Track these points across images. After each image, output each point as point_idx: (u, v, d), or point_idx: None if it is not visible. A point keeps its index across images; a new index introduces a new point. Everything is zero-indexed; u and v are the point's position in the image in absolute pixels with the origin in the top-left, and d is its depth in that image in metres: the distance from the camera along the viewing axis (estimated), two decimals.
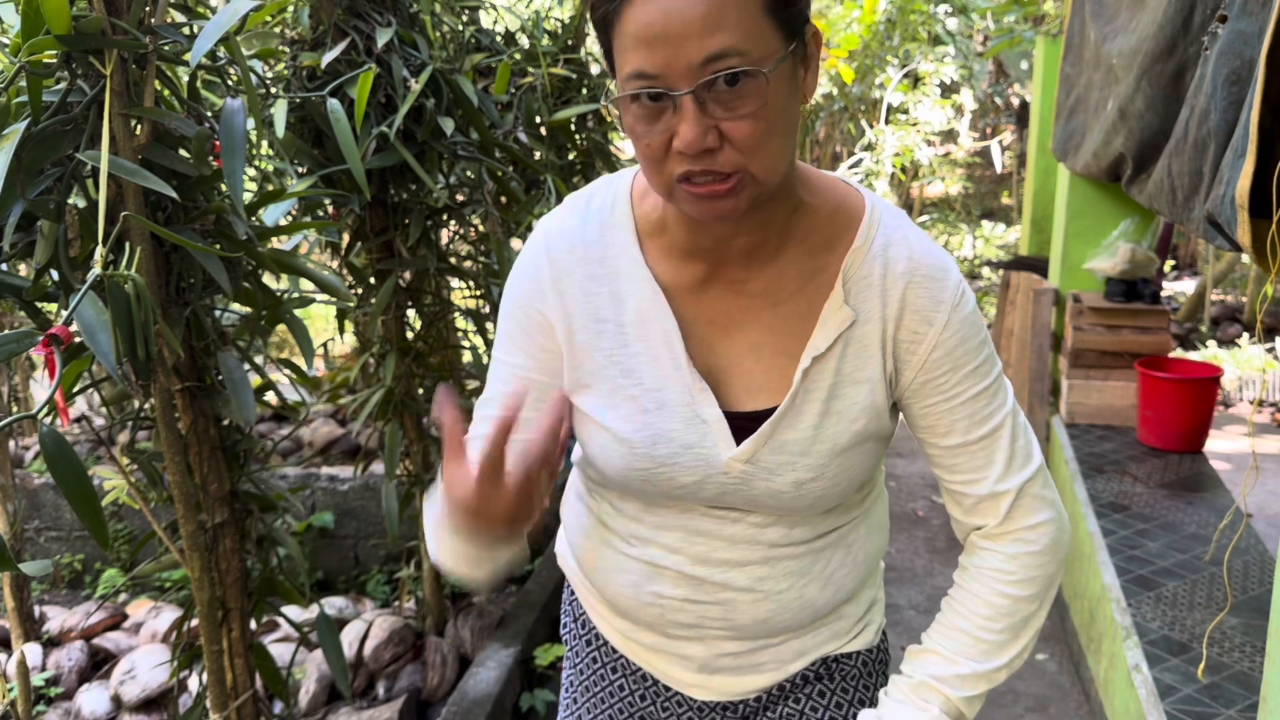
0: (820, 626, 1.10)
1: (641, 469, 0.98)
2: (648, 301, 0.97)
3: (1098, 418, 3.52)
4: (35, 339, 1.18)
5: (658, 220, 0.97)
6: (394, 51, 2.07)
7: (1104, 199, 3.58)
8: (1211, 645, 2.14)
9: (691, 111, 0.80)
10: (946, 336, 0.95)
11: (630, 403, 0.98)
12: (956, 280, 0.96)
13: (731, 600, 1.03)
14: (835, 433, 0.96)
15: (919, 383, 0.97)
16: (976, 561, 1.03)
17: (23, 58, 1.26)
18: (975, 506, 1.01)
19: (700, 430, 0.97)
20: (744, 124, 0.81)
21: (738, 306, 0.97)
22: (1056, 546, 1.01)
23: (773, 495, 0.98)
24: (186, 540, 1.61)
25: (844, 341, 0.95)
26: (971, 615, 1.01)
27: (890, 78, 7.14)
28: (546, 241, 1.01)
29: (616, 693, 1.18)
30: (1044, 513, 1.00)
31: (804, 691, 1.12)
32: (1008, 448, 0.98)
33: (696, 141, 0.80)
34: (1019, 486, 0.99)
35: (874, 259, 0.95)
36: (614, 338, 0.98)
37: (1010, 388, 1.01)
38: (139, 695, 2.49)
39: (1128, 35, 2.37)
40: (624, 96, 0.83)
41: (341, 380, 2.85)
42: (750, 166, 0.83)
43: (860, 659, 1.14)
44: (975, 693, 1.00)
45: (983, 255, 9.22)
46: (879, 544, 1.13)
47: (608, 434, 0.99)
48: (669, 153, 0.83)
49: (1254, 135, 1.33)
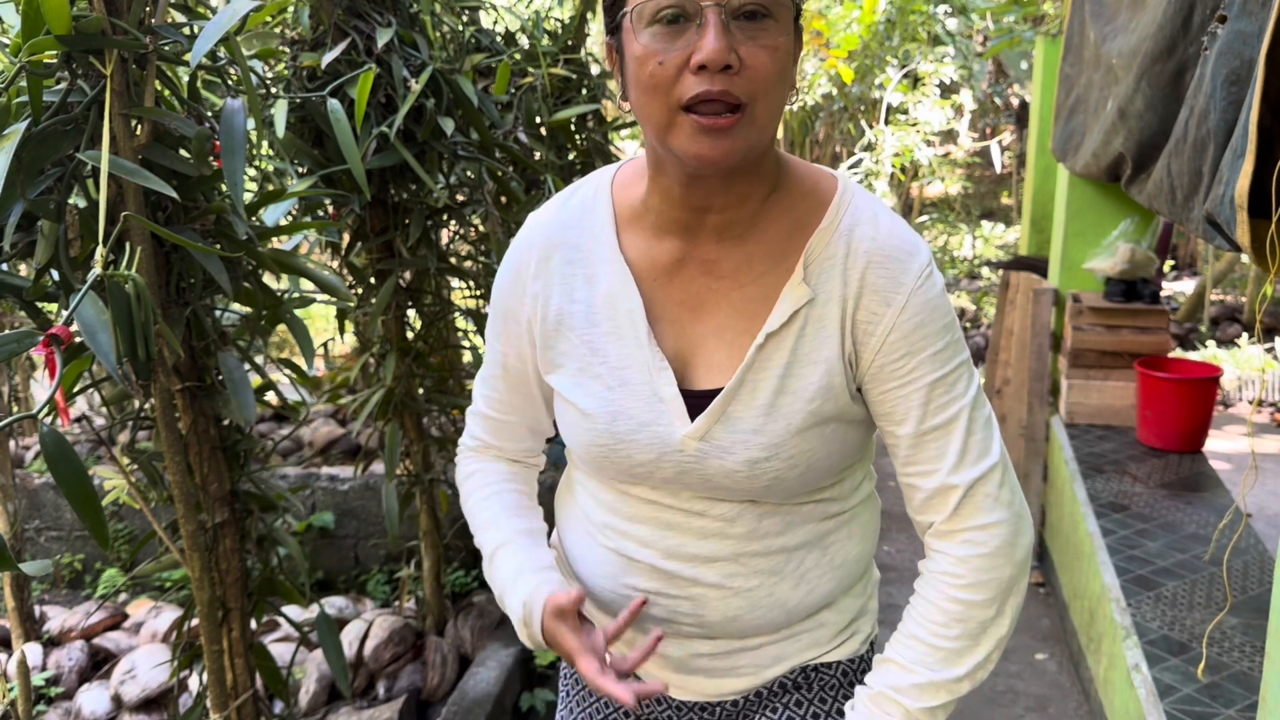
0: (799, 633, 1.08)
1: (601, 444, 1.01)
2: (618, 283, 1.00)
3: (1097, 418, 3.52)
4: (35, 339, 1.18)
5: (638, 205, 1.01)
6: (394, 52, 2.07)
7: (1103, 199, 3.58)
8: (1211, 645, 2.14)
9: (718, 26, 0.83)
10: (904, 319, 0.94)
11: (596, 380, 1.01)
12: (923, 263, 0.95)
13: (702, 596, 1.04)
14: (789, 411, 0.96)
15: (876, 366, 0.96)
16: (929, 565, 1.01)
17: (23, 58, 1.26)
18: (926, 502, 0.99)
19: (657, 409, 0.99)
20: (763, 53, 0.85)
21: (707, 288, 0.99)
22: (1010, 549, 0.97)
23: (727, 474, 0.98)
24: (187, 540, 1.61)
25: (802, 319, 0.96)
26: (925, 622, 0.99)
27: (890, 78, 7.13)
28: (529, 234, 1.07)
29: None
30: (996, 513, 0.96)
31: (781, 700, 1.11)
32: (961, 441, 0.95)
33: (722, 52, 0.82)
34: (969, 482, 0.96)
35: (839, 239, 0.96)
36: (585, 317, 1.02)
37: (975, 380, 0.98)
38: (139, 695, 2.49)
39: (1127, 35, 2.38)
40: (641, 15, 0.85)
41: (342, 380, 2.85)
42: (757, 104, 0.86)
43: (840, 669, 1.12)
44: (935, 703, 0.97)
45: (982, 255, 9.22)
46: (862, 551, 1.11)
47: (574, 409, 1.03)
48: (681, 74, 0.85)
49: (1253, 135, 1.33)
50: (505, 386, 1.13)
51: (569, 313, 1.03)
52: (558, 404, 1.08)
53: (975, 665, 0.97)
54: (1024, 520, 0.99)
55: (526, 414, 1.15)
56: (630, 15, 0.87)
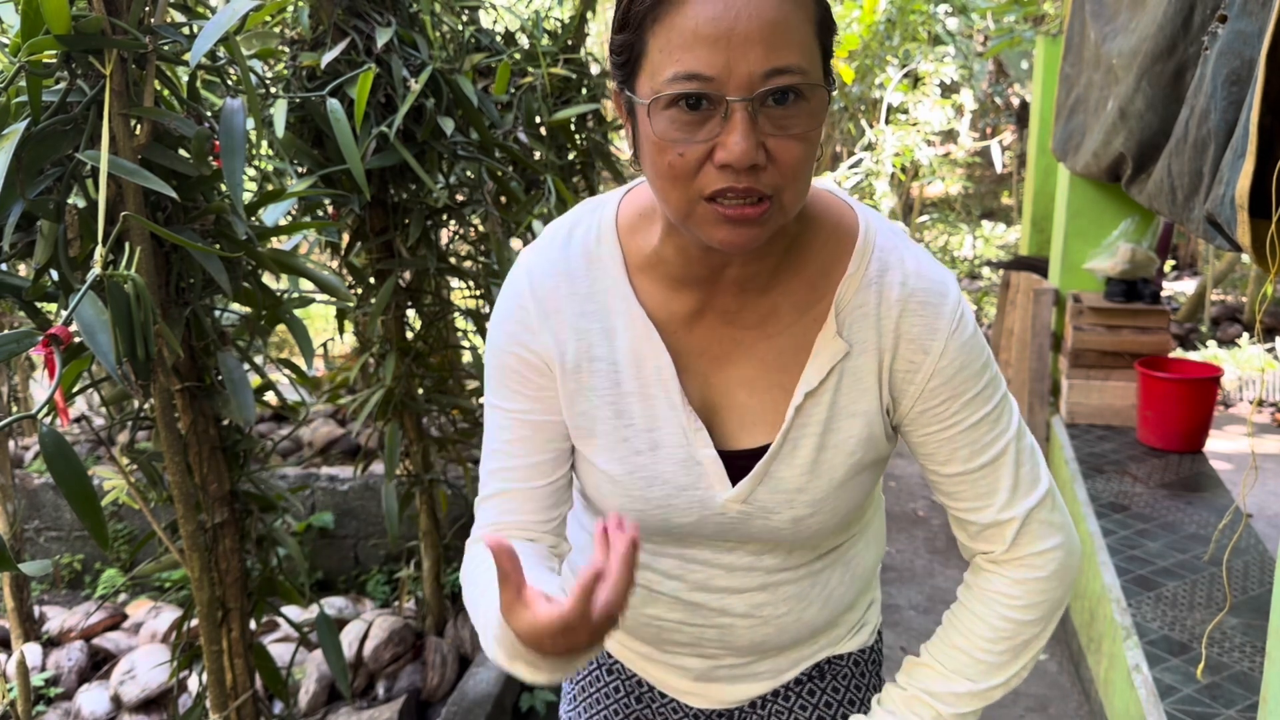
0: (819, 638, 1.11)
1: (636, 510, 0.97)
2: (641, 338, 0.93)
3: (1098, 418, 3.52)
4: (35, 339, 1.18)
5: (651, 254, 0.93)
6: (394, 51, 2.07)
7: (1104, 199, 3.58)
8: (1211, 645, 2.14)
9: (745, 122, 0.75)
10: (944, 365, 0.91)
11: (623, 444, 0.95)
12: (954, 303, 0.92)
13: (730, 625, 1.03)
14: (831, 467, 0.94)
15: (917, 411, 0.94)
16: (981, 583, 1.00)
17: (22, 58, 1.26)
18: (980, 533, 0.98)
19: (695, 472, 0.94)
20: (793, 144, 0.77)
21: (730, 338, 0.94)
22: (1065, 571, 0.97)
23: (771, 532, 0.97)
24: (186, 540, 1.61)
25: (838, 374, 0.92)
26: (972, 635, 0.99)
27: (890, 78, 7.13)
28: (530, 278, 0.96)
29: (612, 694, 1.19)
30: (1052, 539, 0.96)
31: (793, 690, 1.13)
32: (1012, 475, 0.94)
33: (748, 154, 0.75)
34: (1025, 514, 0.95)
35: (868, 287, 0.91)
36: (607, 377, 0.94)
37: (1016, 411, 0.97)
38: (139, 695, 2.49)
39: (1128, 35, 2.37)
40: (660, 100, 0.77)
41: (341, 380, 2.85)
42: (785, 193, 0.79)
43: (852, 659, 1.15)
44: (969, 709, 0.98)
45: (983, 255, 9.22)
46: (877, 554, 1.13)
47: (601, 474, 0.97)
48: (703, 167, 0.78)
49: (1254, 135, 1.33)
50: (530, 449, 0.98)
51: (589, 371, 0.94)
52: (581, 464, 1.01)
53: (1012, 675, 0.99)
54: (1074, 540, 0.99)
55: (555, 475, 1.00)
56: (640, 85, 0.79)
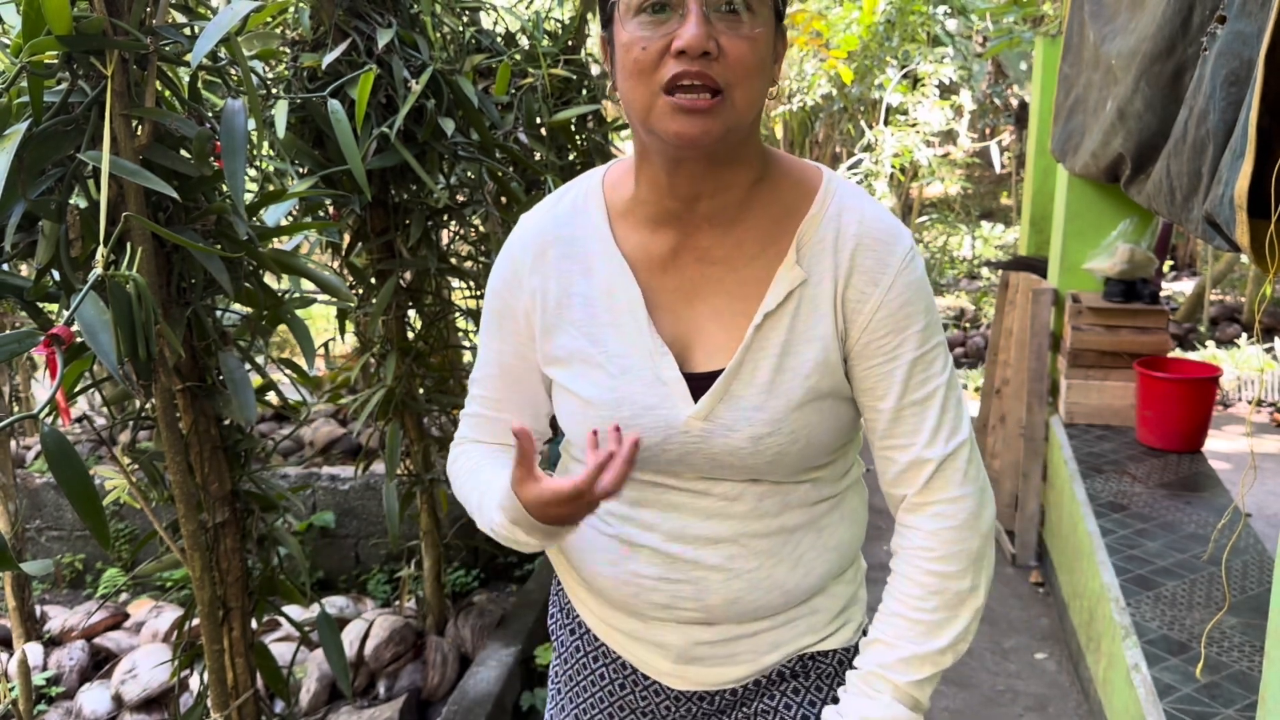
0: (795, 618, 1.11)
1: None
2: (616, 275, 1.04)
3: (1097, 418, 3.52)
4: (36, 339, 1.18)
5: (629, 200, 1.05)
6: (394, 52, 2.07)
7: (1103, 199, 3.58)
8: (1210, 645, 2.14)
9: (697, 14, 0.88)
10: (890, 298, 0.99)
11: (597, 369, 1.04)
12: (906, 247, 1.01)
13: (703, 579, 1.06)
14: (789, 388, 1.00)
15: (863, 343, 1.01)
16: (902, 542, 1.06)
17: (24, 58, 1.27)
18: (900, 475, 1.04)
19: (661, 392, 1.02)
20: (741, 42, 0.90)
21: (702, 275, 1.03)
22: (976, 520, 1.03)
23: (731, 452, 1.01)
24: (187, 540, 1.61)
25: (796, 300, 1.00)
26: (904, 597, 1.04)
27: (889, 78, 7.14)
28: (522, 234, 1.11)
29: (598, 681, 1.21)
30: (964, 488, 1.03)
31: (779, 688, 1.14)
32: (937, 416, 1.02)
33: (700, 38, 0.87)
34: (941, 457, 1.02)
35: (828, 224, 1.01)
36: (583, 309, 1.05)
37: (950, 360, 1.05)
38: (140, 694, 2.49)
39: (1126, 36, 2.38)
40: (630, 6, 0.91)
41: (342, 380, 2.85)
42: (735, 90, 0.91)
43: (836, 658, 1.16)
44: (921, 676, 1.01)
45: (982, 255, 9.23)
46: (853, 535, 1.16)
47: (575, 399, 1.06)
48: (663, 59, 0.90)
49: (1252, 136, 1.34)
50: (502, 384, 1.15)
51: (568, 305, 1.06)
52: (558, 395, 1.10)
53: (956, 637, 1.02)
54: (987, 493, 1.05)
55: (524, 411, 1.16)
56: (619, 6, 0.93)
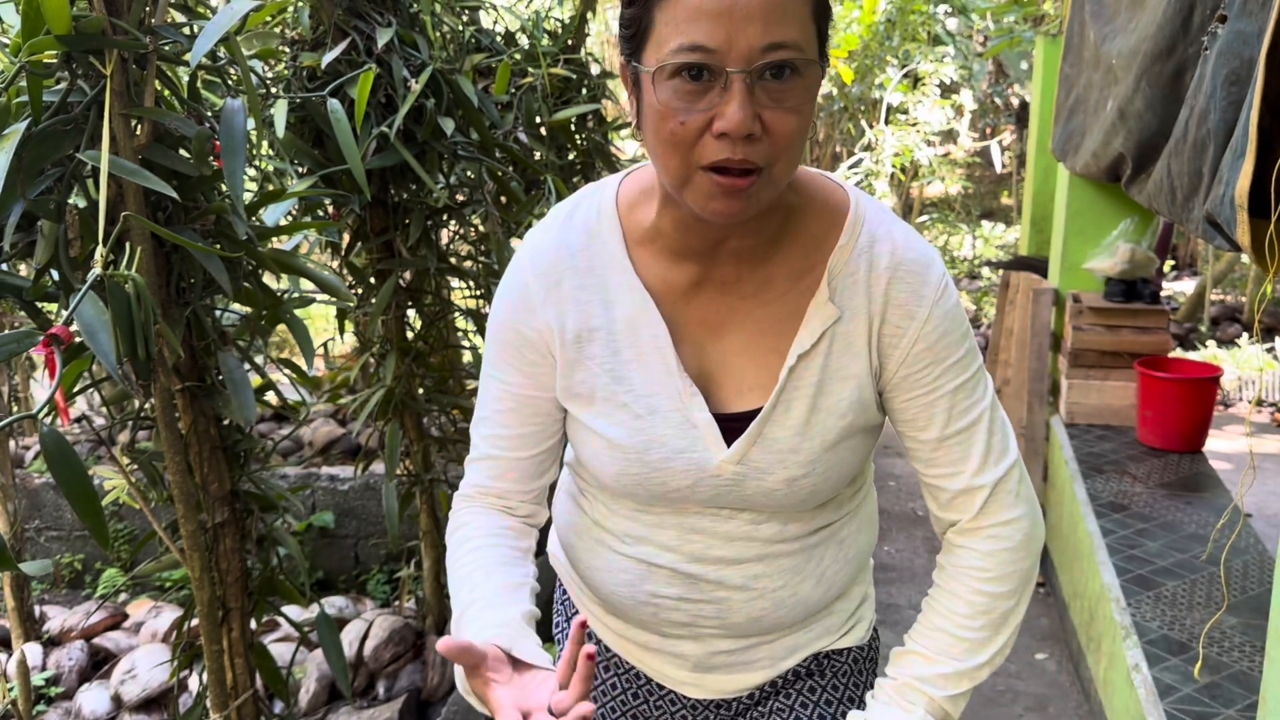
0: (813, 623, 1.11)
1: (634, 474, 0.99)
2: (637, 308, 0.98)
3: (1097, 417, 3.52)
4: (35, 339, 1.18)
5: (649, 228, 0.98)
6: (394, 52, 2.07)
7: (1103, 199, 3.58)
8: (1211, 645, 2.14)
9: (743, 93, 0.80)
10: (928, 330, 0.96)
11: (622, 409, 0.99)
12: (939, 275, 0.97)
13: (726, 599, 1.04)
14: (824, 429, 0.98)
15: (900, 376, 0.98)
16: (953, 560, 1.04)
17: (23, 58, 1.26)
18: (951, 501, 1.02)
19: (691, 435, 0.98)
20: (789, 117, 0.82)
21: (728, 307, 0.98)
22: (1030, 541, 1.02)
23: (766, 494, 0.99)
24: (187, 540, 1.61)
25: (829, 338, 0.97)
26: (951, 614, 1.02)
27: (890, 78, 7.13)
28: (531, 257, 1.02)
29: (609, 692, 1.19)
30: (1018, 509, 1.01)
31: (795, 687, 1.13)
32: (984, 442, 0.99)
33: (745, 124, 0.80)
34: (994, 482, 0.99)
35: (859, 256, 0.96)
36: (605, 345, 0.99)
37: (990, 384, 1.02)
38: (139, 695, 2.49)
39: (1127, 35, 2.38)
40: (664, 69, 0.81)
41: (342, 380, 2.85)
42: (776, 165, 0.84)
43: (851, 656, 1.15)
44: (959, 691, 1.01)
45: (982, 255, 9.22)
46: (869, 539, 1.15)
47: (600, 440, 1.00)
48: (702, 136, 0.82)
49: (1253, 135, 1.33)
50: (518, 420, 1.05)
51: (588, 340, 0.99)
52: (578, 432, 1.04)
53: (995, 653, 1.01)
54: (1037, 512, 1.04)
55: (541, 448, 1.07)
56: (649, 60, 0.84)
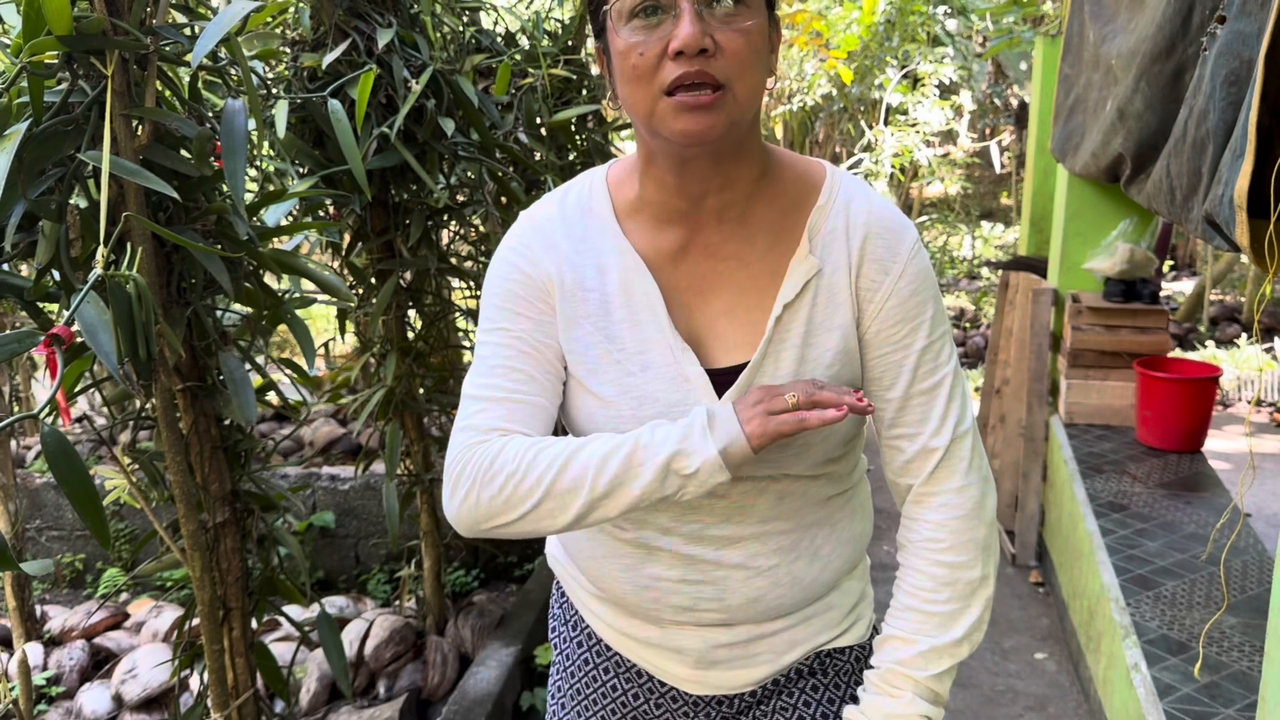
0: (811, 616, 1.11)
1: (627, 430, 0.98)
2: (630, 271, 1.02)
3: (1096, 417, 3.52)
4: (37, 339, 1.18)
5: (635, 200, 1.03)
6: (394, 52, 2.07)
7: (1103, 199, 3.58)
8: (1210, 644, 2.14)
9: (691, 13, 0.88)
10: (901, 286, 1.00)
11: (614, 367, 1.02)
12: (913, 238, 1.03)
13: (724, 579, 1.05)
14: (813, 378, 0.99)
15: (873, 332, 1.02)
16: (909, 536, 1.06)
17: (24, 58, 1.27)
18: (907, 464, 1.05)
19: (684, 389, 1.00)
20: (737, 35, 0.89)
21: (712, 271, 1.02)
22: (980, 510, 1.04)
23: None
24: (188, 540, 1.61)
25: (813, 289, 1.01)
26: (915, 590, 1.04)
27: (889, 79, 7.14)
28: (530, 222, 1.07)
29: (610, 693, 1.19)
30: (969, 476, 1.04)
31: (797, 685, 1.14)
32: (944, 405, 1.03)
33: (695, 37, 0.87)
34: (946, 445, 1.03)
35: (837, 214, 1.02)
36: (598, 305, 1.03)
37: (955, 352, 1.05)
38: (140, 694, 2.49)
39: (1126, 36, 2.38)
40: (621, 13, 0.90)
41: (342, 380, 2.85)
42: (735, 84, 0.90)
43: (852, 654, 1.16)
44: (941, 669, 1.02)
45: (982, 255, 9.23)
46: (864, 528, 1.16)
47: (593, 398, 1.03)
48: (661, 62, 0.89)
49: (1252, 136, 1.34)
50: (531, 365, 1.03)
51: (582, 300, 1.03)
52: (573, 395, 1.05)
53: (970, 627, 1.03)
54: (990, 483, 1.06)
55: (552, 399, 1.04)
56: (610, 14, 0.92)
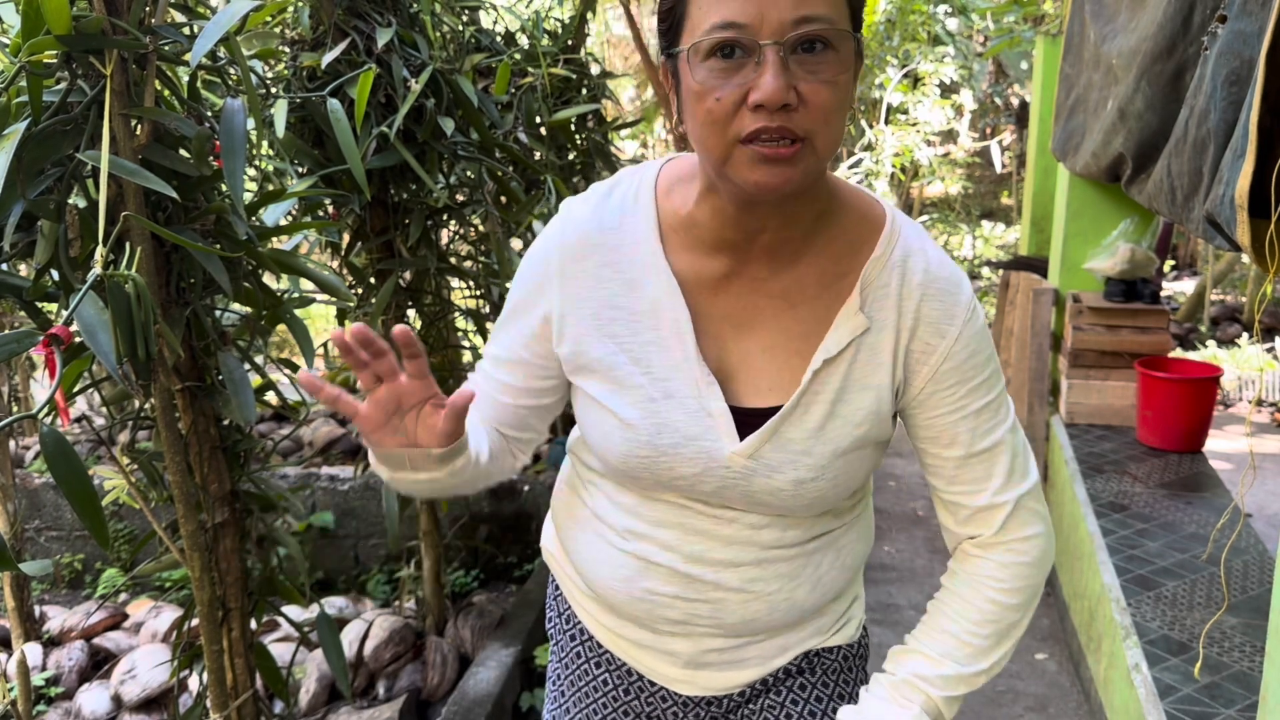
0: (805, 624, 1.12)
1: (642, 456, 0.99)
2: (663, 292, 0.98)
3: (1097, 417, 3.52)
4: (35, 339, 1.18)
5: (685, 216, 0.98)
6: (394, 52, 2.07)
7: (1104, 199, 3.58)
8: (1211, 645, 2.14)
9: (776, 64, 0.81)
10: (957, 349, 0.97)
11: (636, 390, 0.99)
12: (969, 296, 0.99)
13: (722, 600, 1.05)
14: (838, 435, 0.98)
15: (927, 393, 0.99)
16: (968, 568, 1.05)
17: (23, 58, 1.26)
18: (971, 517, 1.04)
19: (705, 423, 0.98)
20: (823, 88, 0.83)
21: (755, 306, 0.99)
22: (1044, 559, 1.05)
23: (772, 493, 0.99)
24: (187, 540, 1.61)
25: (856, 347, 0.97)
26: (959, 619, 1.04)
27: (890, 78, 7.13)
28: (562, 228, 1.03)
29: (601, 688, 1.20)
30: (1037, 526, 1.03)
31: (785, 684, 1.14)
32: (1008, 462, 1.01)
33: (779, 93, 0.81)
34: (1016, 499, 1.02)
35: (892, 269, 0.97)
36: (625, 324, 0.99)
37: (1011, 404, 1.04)
38: (139, 695, 2.49)
39: (1127, 35, 2.38)
40: (698, 49, 0.84)
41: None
42: (817, 136, 0.84)
43: (841, 653, 1.16)
44: (955, 694, 1.02)
45: (982, 255, 9.23)
46: (865, 548, 1.16)
47: (612, 418, 1.00)
48: (739, 110, 0.83)
49: (1253, 135, 1.33)
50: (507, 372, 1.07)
51: (607, 318, 1.00)
52: (590, 409, 1.04)
53: (995, 662, 1.04)
54: (1052, 533, 1.07)
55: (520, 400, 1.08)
56: (685, 45, 0.86)
